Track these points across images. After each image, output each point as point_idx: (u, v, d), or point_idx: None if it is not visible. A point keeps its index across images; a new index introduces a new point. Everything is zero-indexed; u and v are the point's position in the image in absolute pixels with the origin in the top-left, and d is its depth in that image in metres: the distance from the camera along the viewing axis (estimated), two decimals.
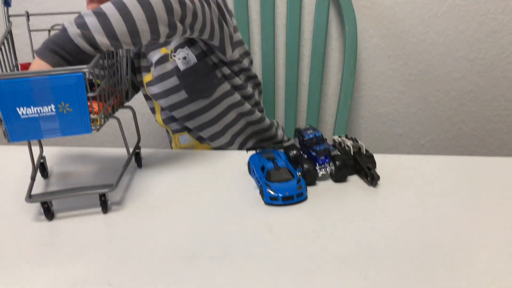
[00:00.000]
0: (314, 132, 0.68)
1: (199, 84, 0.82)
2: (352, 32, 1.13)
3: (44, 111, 0.54)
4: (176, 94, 0.83)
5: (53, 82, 0.53)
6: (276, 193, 0.60)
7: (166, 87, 0.83)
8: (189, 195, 0.66)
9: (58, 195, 0.62)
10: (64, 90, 0.53)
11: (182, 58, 0.80)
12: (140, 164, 0.76)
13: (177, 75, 0.81)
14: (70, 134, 0.56)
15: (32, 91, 0.52)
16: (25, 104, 0.53)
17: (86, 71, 0.54)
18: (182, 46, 0.81)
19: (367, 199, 0.62)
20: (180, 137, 0.90)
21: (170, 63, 0.82)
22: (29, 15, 0.70)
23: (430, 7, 1.18)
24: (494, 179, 0.68)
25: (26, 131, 0.55)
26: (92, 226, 0.59)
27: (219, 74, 0.83)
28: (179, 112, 0.85)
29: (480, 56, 1.23)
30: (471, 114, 1.31)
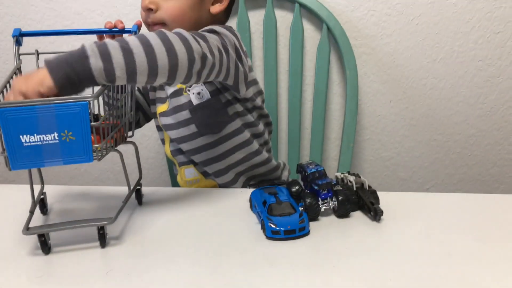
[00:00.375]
0: (316, 166, 0.68)
1: (209, 120, 0.83)
2: (353, 77, 1.16)
3: (47, 139, 0.54)
4: (187, 127, 0.84)
5: (58, 110, 0.53)
6: (277, 227, 0.59)
7: (178, 119, 0.84)
8: (189, 230, 0.64)
9: (56, 227, 0.61)
10: (68, 118, 0.54)
11: (196, 93, 0.82)
12: (141, 201, 0.75)
13: (189, 109, 0.83)
14: (71, 162, 0.56)
15: (37, 119, 0.53)
16: (28, 132, 0.53)
17: (91, 100, 0.55)
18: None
19: (370, 234, 0.61)
20: (186, 170, 0.90)
21: (184, 97, 0.83)
22: (38, 53, 0.72)
23: (429, 53, 1.21)
24: (498, 215, 0.67)
25: (28, 159, 0.55)
26: (89, 259, 0.57)
27: (231, 111, 0.84)
28: (187, 145, 0.86)
29: (480, 101, 1.25)
30: (475, 158, 1.31)
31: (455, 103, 1.25)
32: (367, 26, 1.20)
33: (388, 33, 1.20)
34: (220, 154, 0.86)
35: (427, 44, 1.21)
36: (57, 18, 1.24)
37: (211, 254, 0.57)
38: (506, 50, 1.20)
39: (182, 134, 0.85)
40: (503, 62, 1.21)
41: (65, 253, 0.59)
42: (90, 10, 1.23)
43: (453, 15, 1.18)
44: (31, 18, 1.25)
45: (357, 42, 1.21)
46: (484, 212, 0.68)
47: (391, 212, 0.66)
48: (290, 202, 0.64)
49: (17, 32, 0.68)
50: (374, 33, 1.20)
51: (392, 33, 1.20)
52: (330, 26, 1.15)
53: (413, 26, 1.19)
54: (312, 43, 1.21)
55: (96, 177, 1.39)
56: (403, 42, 1.21)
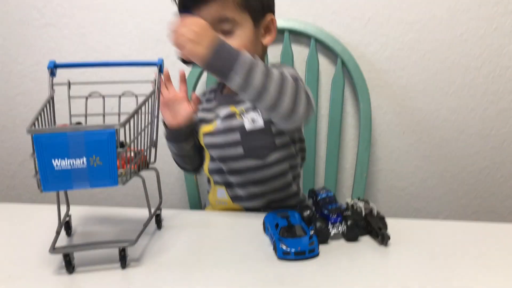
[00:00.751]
0: (327, 192, 0.71)
1: (257, 145, 0.89)
2: (367, 109, 1.20)
3: (76, 164, 0.59)
4: (234, 148, 0.89)
5: (87, 137, 0.58)
6: (288, 248, 0.62)
7: (227, 140, 0.90)
8: (205, 252, 0.68)
9: (80, 248, 0.65)
10: (96, 144, 0.59)
11: (250, 119, 0.88)
12: (160, 225, 0.79)
13: (241, 132, 0.88)
14: (97, 186, 0.60)
15: (68, 145, 0.58)
16: (60, 156, 0.58)
17: (118, 128, 0.60)
18: (254, 109, 0.89)
19: (377, 258, 0.63)
20: (218, 190, 0.95)
21: (237, 120, 0.90)
22: (70, 84, 0.78)
23: (441, 86, 1.24)
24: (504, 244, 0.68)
25: (58, 182, 0.59)
26: (110, 279, 0.60)
27: (279, 141, 0.90)
28: (230, 164, 0.91)
29: (492, 133, 1.26)
30: (489, 190, 1.31)
31: (468, 135, 1.27)
32: (380, 60, 1.24)
33: (401, 67, 1.24)
34: (259, 180, 0.91)
35: (439, 78, 1.24)
36: (88, 51, 1.32)
37: (225, 274, 0.60)
38: None
39: (227, 154, 0.90)
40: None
41: (88, 273, 0.62)
42: (119, 44, 1.31)
43: (464, 51, 1.22)
44: (65, 51, 1.34)
45: (371, 76, 1.25)
46: (491, 240, 0.69)
47: (399, 237, 0.68)
48: (301, 225, 0.67)
49: (52, 64, 0.74)
50: (387, 67, 1.25)
51: (405, 67, 1.24)
52: (344, 60, 1.20)
53: (425, 61, 1.23)
54: (327, 76, 1.26)
55: (119, 202, 1.44)
56: (416, 76, 1.24)
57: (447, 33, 1.21)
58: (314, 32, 1.21)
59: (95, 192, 1.45)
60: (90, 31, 1.32)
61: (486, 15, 1.18)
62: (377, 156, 1.31)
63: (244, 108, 0.90)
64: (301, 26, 1.21)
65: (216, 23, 0.84)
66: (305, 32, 1.21)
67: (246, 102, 0.91)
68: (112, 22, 1.30)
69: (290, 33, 1.22)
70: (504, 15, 1.18)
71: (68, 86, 0.79)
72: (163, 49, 1.28)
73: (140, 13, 1.28)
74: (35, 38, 1.34)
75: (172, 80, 1.30)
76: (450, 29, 1.20)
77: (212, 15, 0.84)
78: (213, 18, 0.84)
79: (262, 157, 0.89)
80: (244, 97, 0.75)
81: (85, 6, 1.30)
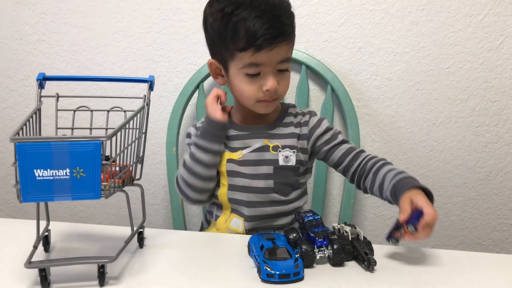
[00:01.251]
0: (313, 215, 0.70)
1: (286, 182, 0.92)
2: (355, 136, 1.20)
3: (59, 174, 0.57)
4: (264, 181, 0.91)
5: (72, 147, 0.57)
6: (273, 270, 0.60)
7: (258, 171, 0.91)
8: (188, 272, 0.66)
9: (57, 262, 0.63)
10: (81, 156, 0.58)
11: (284, 156, 0.91)
12: (142, 244, 0.77)
13: (274, 166, 0.91)
14: (80, 198, 0.59)
15: (51, 155, 0.57)
16: (42, 167, 0.57)
17: (104, 140, 0.59)
18: (292, 148, 0.92)
19: (363, 283, 0.62)
20: (234, 219, 0.94)
21: (270, 154, 0.92)
22: (58, 96, 0.77)
23: (429, 117, 1.26)
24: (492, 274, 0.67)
25: (38, 193, 0.58)
26: None
27: (302, 180, 0.96)
28: (256, 196, 0.92)
29: (478, 165, 1.27)
30: (475, 222, 1.31)
31: (454, 166, 1.28)
32: (369, 89, 1.26)
33: (390, 96, 1.26)
34: (278, 213, 0.93)
35: (426, 109, 1.26)
36: (80, 68, 1.32)
37: None
38: (503, 118, 1.24)
39: (255, 185, 0.91)
40: (500, 129, 1.25)
41: None
42: (111, 62, 1.31)
43: (451, 83, 1.24)
44: (56, 67, 1.33)
45: (360, 104, 1.27)
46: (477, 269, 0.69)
47: (385, 263, 0.67)
48: (286, 248, 0.65)
49: (41, 76, 0.74)
50: (376, 96, 1.26)
51: (393, 96, 1.26)
52: (334, 88, 1.21)
53: (413, 91, 1.25)
54: (317, 103, 1.27)
55: (102, 221, 1.40)
56: (404, 106, 1.26)
57: (435, 65, 1.23)
58: (305, 59, 1.23)
59: (78, 210, 1.42)
60: (82, 48, 1.32)
61: (473, 49, 1.22)
62: None
63: (280, 144, 0.92)
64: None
65: (280, 62, 0.86)
66: (297, 59, 1.23)
67: (280, 137, 0.93)
68: (105, 41, 1.30)
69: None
70: (490, 50, 1.21)
71: (56, 99, 0.78)
72: (155, 69, 1.29)
73: (133, 33, 1.29)
74: (26, 54, 1.34)
75: (162, 102, 1.30)
76: (438, 62, 1.23)
77: (281, 56, 0.85)
78: (281, 58, 0.86)
79: (286, 193, 0.92)
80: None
81: (79, 24, 1.31)
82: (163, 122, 1.31)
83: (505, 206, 1.29)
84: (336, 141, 0.94)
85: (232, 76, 0.89)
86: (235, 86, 0.89)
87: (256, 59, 0.83)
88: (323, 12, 1.23)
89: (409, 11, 1.21)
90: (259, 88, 0.87)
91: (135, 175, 0.76)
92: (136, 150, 0.73)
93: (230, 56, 0.86)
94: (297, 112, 0.98)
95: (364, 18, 1.23)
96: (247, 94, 0.88)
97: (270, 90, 0.86)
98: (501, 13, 1.19)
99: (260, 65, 0.84)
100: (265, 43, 0.81)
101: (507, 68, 1.22)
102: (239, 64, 0.85)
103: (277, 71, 0.87)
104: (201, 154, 0.90)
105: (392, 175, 0.83)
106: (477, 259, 0.74)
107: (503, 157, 1.27)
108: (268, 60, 0.84)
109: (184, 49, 1.28)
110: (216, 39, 0.87)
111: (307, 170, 0.98)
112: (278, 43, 0.83)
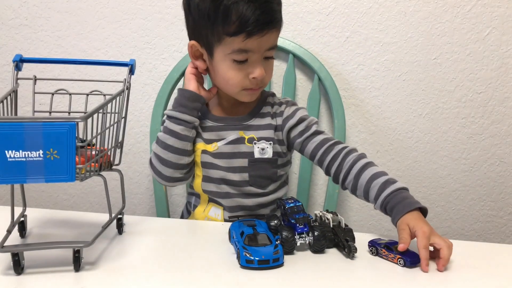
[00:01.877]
0: (294, 201, 0.69)
1: (262, 174, 0.90)
2: (341, 127, 1.20)
3: (31, 156, 0.56)
4: (239, 174, 0.89)
5: (45, 128, 0.55)
6: (252, 256, 0.59)
7: (233, 164, 0.89)
8: (166, 259, 0.65)
9: (31, 247, 0.61)
10: (55, 137, 0.56)
11: (260, 148, 0.90)
12: (121, 230, 0.76)
13: (249, 159, 0.89)
14: (53, 181, 0.57)
15: (23, 135, 0.55)
16: (14, 148, 0.55)
17: (79, 121, 0.57)
18: (268, 140, 0.90)
19: (343, 270, 0.61)
20: (213, 208, 0.93)
21: (245, 146, 0.90)
22: (36, 78, 0.75)
23: (415, 108, 1.26)
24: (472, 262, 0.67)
25: (10, 174, 0.56)
26: (61, 282, 0.57)
27: (280, 172, 0.93)
28: (231, 188, 0.90)
29: (463, 156, 1.28)
30: (458, 213, 1.32)
31: (440, 157, 1.28)
32: (356, 79, 1.25)
33: (376, 86, 1.25)
34: (255, 205, 0.92)
35: (413, 99, 1.25)
36: (63, 54, 1.29)
37: (183, 281, 0.57)
38: (488, 109, 1.25)
39: (230, 178, 0.90)
40: (485, 120, 1.25)
41: (37, 274, 0.59)
42: (95, 49, 1.28)
43: (438, 74, 1.24)
44: (39, 53, 1.30)
45: (346, 94, 1.26)
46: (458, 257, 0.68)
47: (365, 251, 0.66)
48: (267, 234, 0.64)
49: (18, 58, 0.72)
50: (363, 86, 1.25)
51: (380, 87, 1.25)
52: (321, 77, 1.20)
53: (400, 82, 1.25)
54: (304, 92, 1.26)
55: (85, 210, 1.39)
56: (391, 96, 1.26)
57: (422, 56, 1.23)
58: (293, 48, 1.21)
59: (61, 199, 1.40)
60: (66, 34, 1.29)
61: (460, 40, 1.21)
62: None
63: (256, 136, 0.91)
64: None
65: (268, 49, 0.85)
66: (284, 47, 1.21)
67: (256, 129, 0.91)
68: (90, 26, 1.28)
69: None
70: (476, 41, 1.21)
71: (34, 81, 0.76)
72: (140, 56, 1.27)
73: (118, 19, 1.26)
74: (8, 38, 1.31)
75: (147, 90, 1.29)
76: (425, 52, 1.22)
77: (270, 43, 0.84)
78: (270, 45, 0.85)
79: (263, 186, 0.91)
80: None
81: (63, 9, 1.28)
82: (148, 110, 1.29)
83: (489, 197, 1.30)
84: (309, 132, 0.89)
85: (218, 61, 0.85)
86: (219, 72, 0.86)
87: (246, 45, 0.81)
88: (311, 0, 1.22)
89: (397, 1, 1.20)
90: (246, 75, 0.85)
91: (113, 160, 0.74)
92: (115, 134, 0.72)
93: (217, 40, 0.83)
94: (274, 102, 0.95)
95: (352, 7, 1.22)
96: (232, 81, 0.86)
97: (257, 78, 0.84)
98: (489, 4, 1.19)
99: (249, 51, 0.82)
100: (257, 29, 0.79)
101: (493, 59, 1.22)
102: (227, 49, 0.82)
103: (264, 59, 0.86)
104: (173, 125, 0.87)
105: (379, 183, 0.78)
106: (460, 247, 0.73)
107: (488, 149, 1.27)
108: (258, 46, 0.82)
109: (169, 36, 1.26)
110: (202, 21, 0.83)
111: (287, 162, 0.96)
112: (269, 29, 0.81)
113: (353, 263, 0.64)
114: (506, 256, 0.70)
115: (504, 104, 1.24)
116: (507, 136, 1.26)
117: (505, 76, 1.23)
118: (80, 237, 0.73)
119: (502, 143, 1.27)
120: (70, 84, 1.05)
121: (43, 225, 0.78)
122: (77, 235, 0.74)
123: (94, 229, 0.74)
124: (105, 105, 0.66)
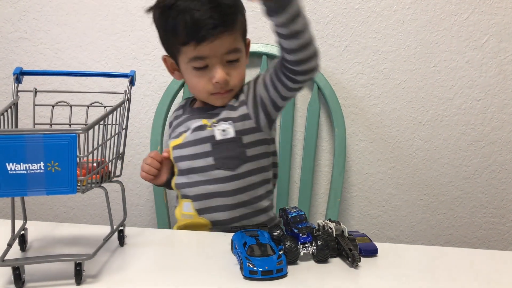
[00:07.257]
0: (297, 211, 0.69)
1: (228, 156, 0.88)
2: (341, 135, 1.20)
3: (32, 168, 0.55)
4: (204, 159, 0.88)
5: (46, 140, 0.55)
6: (255, 267, 0.59)
7: (197, 151, 0.89)
8: (169, 270, 0.64)
9: (31, 260, 0.61)
10: (56, 149, 0.56)
11: (221, 130, 0.88)
12: (123, 242, 0.75)
13: (211, 143, 0.88)
14: (55, 193, 0.57)
15: (25, 148, 0.55)
16: (15, 160, 0.55)
17: (80, 133, 0.57)
18: (226, 121, 0.89)
19: (347, 280, 0.61)
20: (184, 203, 0.92)
21: (207, 131, 0.89)
22: (36, 91, 0.75)
23: (415, 116, 1.26)
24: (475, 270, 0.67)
25: (11, 187, 0.55)
26: None
27: (251, 153, 0.89)
28: (199, 176, 0.89)
29: (464, 163, 1.28)
30: (461, 220, 1.31)
31: (441, 165, 1.28)
32: (355, 87, 1.26)
33: (376, 95, 1.26)
34: (229, 191, 0.89)
35: (413, 107, 1.26)
36: (63, 67, 1.29)
37: None
38: (488, 116, 1.25)
39: (196, 165, 0.89)
40: (485, 127, 1.25)
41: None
42: (95, 61, 1.29)
43: (437, 82, 1.24)
44: (39, 66, 1.30)
45: (346, 102, 1.26)
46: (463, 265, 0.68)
47: (369, 260, 0.66)
48: (270, 244, 0.64)
49: (18, 71, 0.72)
50: (362, 95, 1.26)
51: (380, 95, 1.26)
52: (320, 86, 1.21)
53: (400, 90, 1.25)
54: (303, 101, 1.26)
55: (85, 223, 1.38)
56: (390, 104, 1.26)
57: (420, 64, 1.23)
58: None
59: (60, 212, 1.39)
60: (65, 46, 1.29)
61: (458, 48, 1.22)
62: (351, 182, 1.31)
63: (216, 120, 0.89)
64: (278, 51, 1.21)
65: (227, 53, 0.85)
66: None
67: (219, 115, 0.90)
68: (89, 39, 1.28)
69: (267, 57, 1.23)
70: (474, 49, 1.22)
71: (34, 94, 0.76)
72: (140, 68, 1.27)
73: (117, 31, 1.27)
74: (8, 52, 1.31)
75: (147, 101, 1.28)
76: (424, 60, 1.23)
77: (225, 47, 0.84)
78: (226, 49, 0.85)
79: (232, 167, 0.88)
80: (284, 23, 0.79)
81: (62, 22, 1.28)
82: (148, 121, 1.29)
83: (491, 204, 1.30)
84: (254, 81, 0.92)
85: (183, 70, 0.89)
86: (186, 80, 0.91)
87: (199, 52, 0.82)
88: (309, 10, 1.23)
89: (395, 10, 1.21)
90: (209, 80, 0.87)
91: (114, 171, 0.74)
92: (116, 146, 0.72)
93: (177, 51, 0.86)
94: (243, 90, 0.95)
95: (350, 16, 1.22)
96: (197, 87, 0.89)
97: (220, 82, 0.86)
98: (486, 11, 1.20)
99: (205, 57, 0.84)
100: (206, 35, 0.81)
101: (491, 66, 1.22)
102: (186, 58, 0.85)
103: (227, 62, 0.86)
104: None
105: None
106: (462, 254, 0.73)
107: (488, 156, 1.27)
108: (212, 52, 0.83)
109: None
110: (163, 35, 0.87)
111: (261, 141, 0.91)
112: (219, 33, 0.82)
113: (357, 272, 0.63)
114: (509, 264, 0.70)
115: (504, 111, 1.25)
116: (508, 143, 1.26)
117: (503, 82, 1.23)
118: (81, 250, 0.72)
119: (503, 150, 1.27)
120: (70, 96, 1.06)
121: (43, 238, 0.77)
122: (78, 248, 0.73)
123: (95, 242, 0.73)
124: (106, 116, 0.66)
